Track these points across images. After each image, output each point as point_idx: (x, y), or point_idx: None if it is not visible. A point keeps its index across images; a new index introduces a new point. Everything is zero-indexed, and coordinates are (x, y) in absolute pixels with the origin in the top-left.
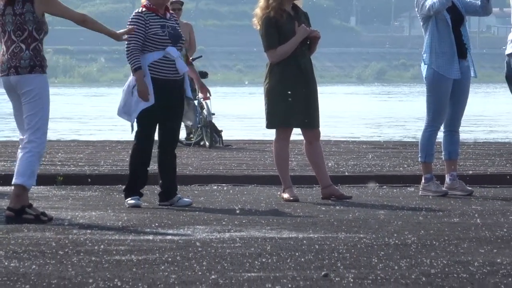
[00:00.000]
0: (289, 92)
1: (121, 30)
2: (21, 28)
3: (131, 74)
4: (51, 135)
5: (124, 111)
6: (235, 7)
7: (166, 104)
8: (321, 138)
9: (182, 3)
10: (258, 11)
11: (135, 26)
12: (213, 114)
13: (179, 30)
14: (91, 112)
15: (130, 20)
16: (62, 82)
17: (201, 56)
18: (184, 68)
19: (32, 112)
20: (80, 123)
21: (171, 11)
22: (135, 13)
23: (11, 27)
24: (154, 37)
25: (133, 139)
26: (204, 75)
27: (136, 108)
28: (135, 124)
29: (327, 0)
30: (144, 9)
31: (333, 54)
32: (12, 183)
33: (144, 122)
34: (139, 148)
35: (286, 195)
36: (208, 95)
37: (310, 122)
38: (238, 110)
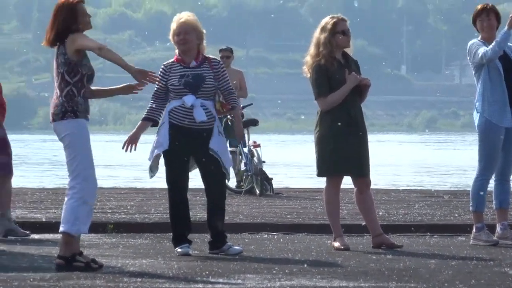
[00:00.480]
0: (340, 140)
1: (141, 69)
2: (57, 73)
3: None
4: (103, 183)
5: (151, 156)
6: (286, 55)
7: (186, 151)
8: (372, 186)
9: (231, 51)
10: (308, 59)
11: (158, 78)
12: (264, 161)
13: (208, 78)
14: (141, 159)
15: None
16: (113, 129)
17: (251, 104)
18: (201, 117)
19: (70, 158)
20: (131, 170)
21: (213, 58)
22: (162, 65)
23: (54, 73)
24: (171, 87)
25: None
26: (254, 122)
27: (153, 153)
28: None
29: (378, 48)
30: (173, 60)
31: (383, 102)
32: (59, 231)
33: (168, 166)
34: (169, 193)
35: (336, 244)
36: (242, 142)
37: (360, 170)
38: (289, 158)
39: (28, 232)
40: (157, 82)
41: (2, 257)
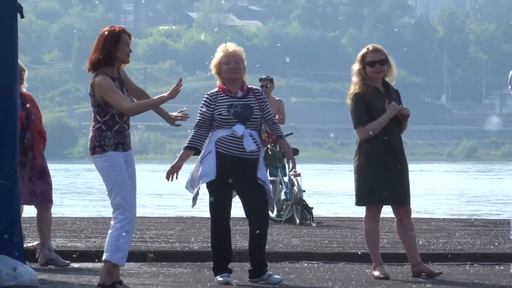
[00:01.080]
0: (378, 169)
1: (169, 92)
2: (92, 110)
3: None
4: (144, 211)
5: (191, 185)
6: (326, 84)
7: (234, 180)
8: (414, 215)
9: (272, 80)
10: (350, 88)
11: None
12: (304, 191)
13: (255, 108)
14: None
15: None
16: (153, 158)
17: (291, 133)
18: (251, 146)
19: (108, 191)
20: (173, 199)
21: (256, 88)
22: (206, 94)
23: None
24: (219, 117)
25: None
26: (294, 152)
27: (198, 182)
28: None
29: (418, 78)
30: (216, 89)
31: (424, 132)
32: (102, 259)
33: (214, 196)
34: (212, 222)
35: (376, 273)
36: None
37: (399, 199)
38: (329, 187)
39: (68, 261)
40: (201, 112)
41: (43, 286)
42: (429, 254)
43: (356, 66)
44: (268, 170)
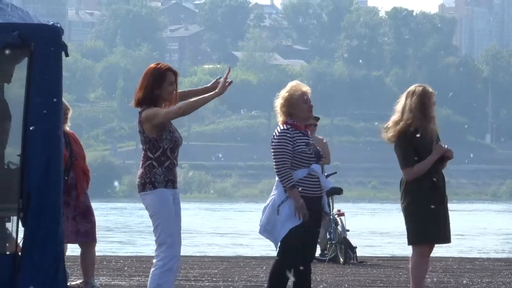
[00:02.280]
0: (428, 209)
1: (219, 88)
2: (142, 149)
3: (273, 192)
4: (189, 250)
5: (265, 229)
6: (370, 124)
7: (309, 222)
8: (458, 254)
9: (318, 119)
10: (391, 125)
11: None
12: (348, 230)
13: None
14: (232, 227)
15: (276, 138)
16: (197, 197)
17: (335, 173)
18: (329, 184)
19: (154, 228)
20: (217, 237)
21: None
22: (281, 130)
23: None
24: (302, 155)
25: (274, 255)
26: (338, 191)
27: (283, 227)
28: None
29: (463, 117)
30: (288, 126)
31: (467, 171)
32: None
33: (292, 240)
34: (289, 265)
35: None
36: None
37: (448, 237)
38: (373, 226)
39: None
40: (283, 149)
41: None
42: None
43: (414, 101)
44: None
